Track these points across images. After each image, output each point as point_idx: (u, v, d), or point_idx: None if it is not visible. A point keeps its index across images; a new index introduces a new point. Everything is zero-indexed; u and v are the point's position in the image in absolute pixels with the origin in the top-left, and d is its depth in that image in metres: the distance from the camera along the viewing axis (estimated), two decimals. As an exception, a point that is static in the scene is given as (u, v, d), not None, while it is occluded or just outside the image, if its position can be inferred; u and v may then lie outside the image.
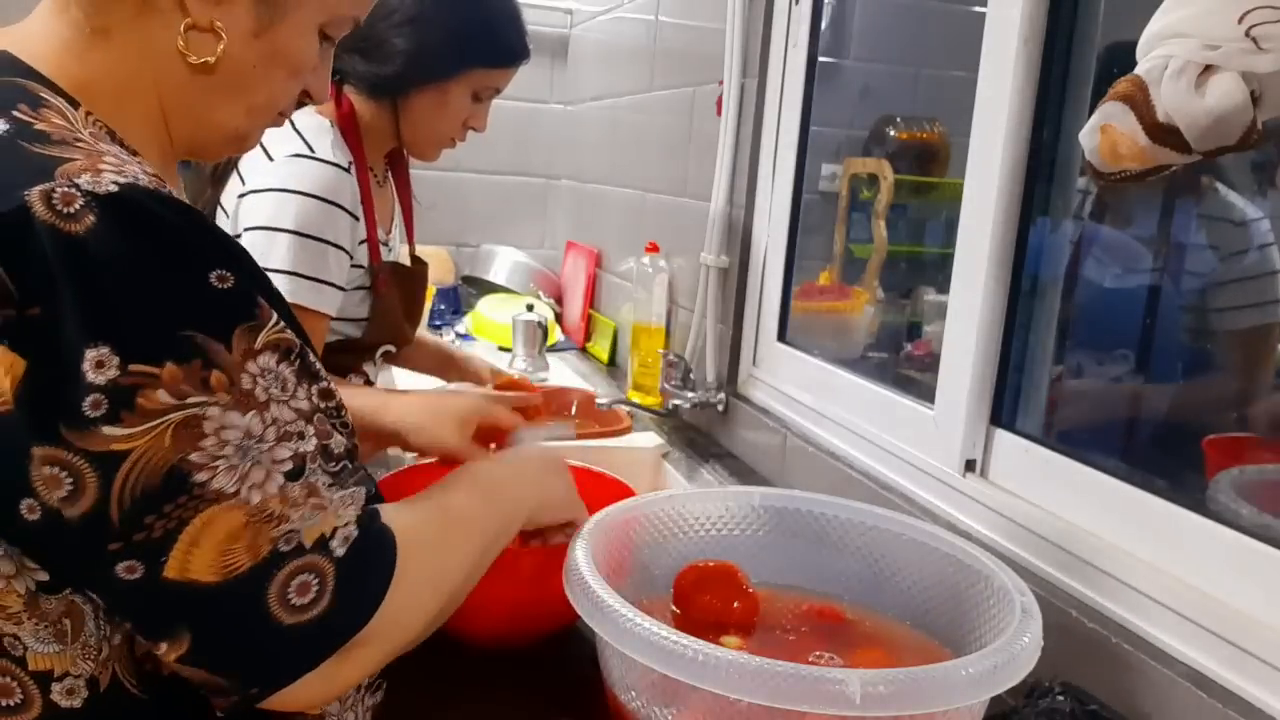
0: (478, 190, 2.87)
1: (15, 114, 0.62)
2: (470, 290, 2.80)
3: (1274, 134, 0.73)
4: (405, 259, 1.57)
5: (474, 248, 2.89)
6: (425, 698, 0.99)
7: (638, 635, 0.73)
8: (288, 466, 0.61)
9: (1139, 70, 0.75)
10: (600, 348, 2.44)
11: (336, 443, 0.65)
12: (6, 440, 0.56)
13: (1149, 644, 0.85)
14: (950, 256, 1.16)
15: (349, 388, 1.29)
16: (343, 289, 1.33)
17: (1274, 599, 0.78)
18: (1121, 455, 1.15)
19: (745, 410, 1.64)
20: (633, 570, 1.00)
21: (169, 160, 0.73)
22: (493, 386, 1.47)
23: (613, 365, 2.37)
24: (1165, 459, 1.14)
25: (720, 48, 1.68)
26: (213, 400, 0.58)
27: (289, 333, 0.63)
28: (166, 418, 0.56)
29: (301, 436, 0.62)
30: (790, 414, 1.53)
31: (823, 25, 1.59)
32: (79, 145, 0.61)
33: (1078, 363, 1.23)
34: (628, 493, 1.19)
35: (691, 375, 1.76)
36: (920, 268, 1.96)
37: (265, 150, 1.31)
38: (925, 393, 1.22)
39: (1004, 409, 1.12)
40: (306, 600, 0.61)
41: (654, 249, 1.97)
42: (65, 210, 0.56)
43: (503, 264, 2.78)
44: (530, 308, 2.31)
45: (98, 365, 0.55)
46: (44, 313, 0.55)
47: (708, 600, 0.97)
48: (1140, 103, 0.74)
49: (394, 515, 0.69)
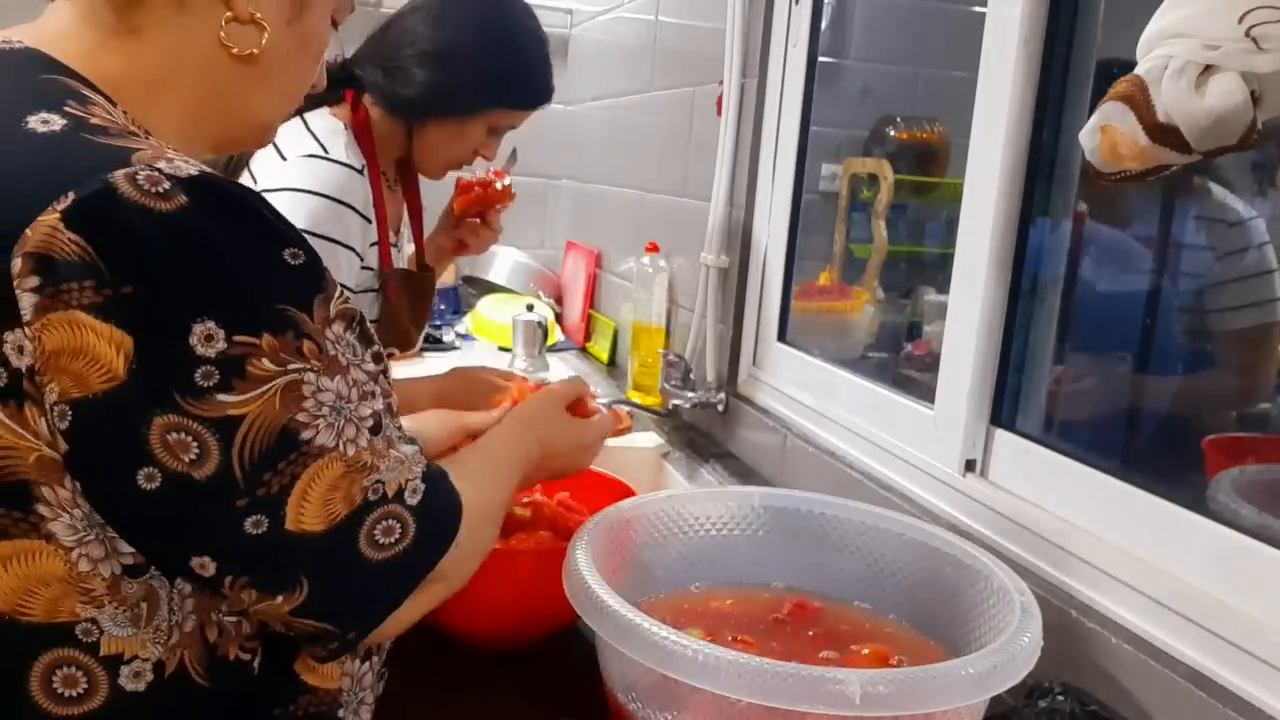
0: (478, 190, 2.86)
1: (68, 109, 0.63)
2: (470, 290, 2.80)
3: (1274, 134, 0.73)
4: (411, 263, 1.57)
5: (474, 248, 2.89)
6: (426, 697, 0.99)
7: (638, 635, 0.73)
8: (370, 423, 0.66)
9: (1139, 70, 0.75)
10: (600, 348, 2.44)
11: (394, 401, 0.72)
12: (122, 413, 0.58)
13: (1149, 644, 0.85)
14: (950, 256, 1.16)
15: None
16: (352, 290, 1.32)
17: (1274, 599, 0.78)
18: (1121, 455, 1.15)
19: (745, 410, 1.64)
20: (633, 570, 1.00)
21: (194, 154, 0.74)
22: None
23: (613, 365, 2.37)
24: (1165, 459, 1.14)
25: (720, 48, 1.68)
26: (308, 366, 0.62)
27: (351, 302, 0.67)
28: (273, 383, 0.60)
29: (374, 395, 0.68)
30: (790, 414, 1.53)
31: (823, 25, 1.59)
32: (135, 138, 0.63)
33: (1078, 363, 1.23)
34: (628, 493, 1.19)
35: (691, 375, 1.76)
36: (920, 268, 1.96)
37: (278, 150, 1.31)
38: (925, 393, 1.22)
39: (1004, 409, 1.12)
40: (391, 540, 0.66)
41: (654, 249, 1.97)
42: (154, 190, 0.58)
43: (503, 264, 2.78)
44: (530, 308, 2.30)
45: (206, 339, 0.58)
46: (140, 290, 0.57)
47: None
48: (1140, 103, 0.74)
49: (449, 467, 0.76)
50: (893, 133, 1.99)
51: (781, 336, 1.64)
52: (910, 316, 1.86)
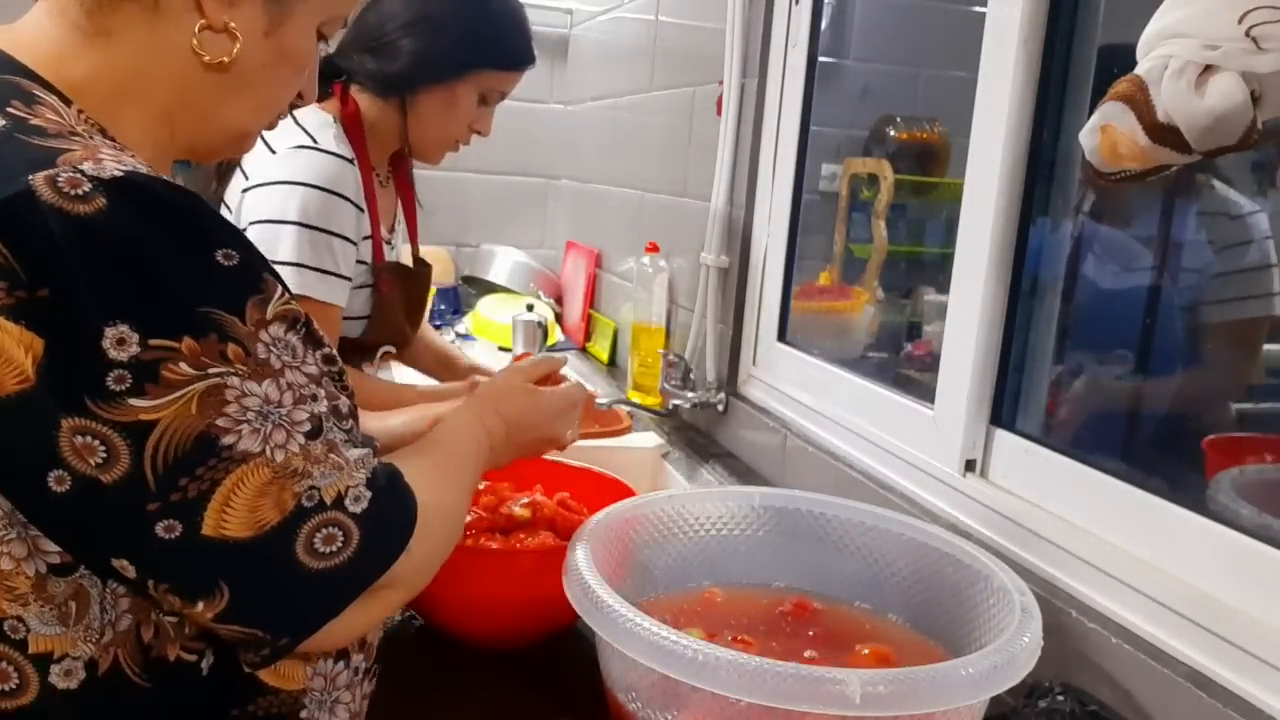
0: (478, 190, 2.87)
1: (10, 110, 0.63)
2: (470, 290, 2.80)
3: (1274, 134, 0.73)
4: (407, 260, 1.57)
5: (474, 248, 2.89)
6: (425, 697, 0.99)
7: (638, 635, 0.73)
8: (306, 427, 0.64)
9: (1139, 70, 0.75)
10: (600, 348, 2.44)
11: (343, 404, 0.69)
12: (31, 415, 0.57)
13: (1149, 644, 0.85)
14: (950, 256, 1.16)
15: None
16: (349, 279, 1.33)
17: (1274, 599, 0.78)
18: (1121, 455, 1.15)
19: (745, 410, 1.64)
20: (633, 570, 1.00)
21: (164, 159, 0.74)
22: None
23: (613, 365, 2.37)
24: (1165, 459, 1.14)
25: (720, 48, 1.68)
26: (232, 370, 0.61)
27: (295, 304, 0.66)
28: (190, 388, 0.59)
29: (314, 399, 0.66)
30: (790, 414, 1.53)
31: (823, 25, 1.59)
32: (75, 138, 0.62)
33: (1078, 362, 1.23)
34: (628, 493, 1.19)
35: (691, 375, 1.76)
36: (920, 268, 1.96)
37: (267, 144, 1.31)
38: (925, 393, 1.22)
39: (1004, 409, 1.12)
40: (333, 549, 0.65)
41: (654, 249, 1.97)
42: (72, 193, 0.57)
43: (503, 264, 2.78)
44: (530, 308, 2.30)
45: (118, 342, 0.57)
46: (55, 293, 0.57)
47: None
48: (1140, 103, 0.74)
49: (404, 464, 0.74)
50: (893, 133, 1.99)
51: (781, 336, 1.64)
52: (910, 316, 1.86)
